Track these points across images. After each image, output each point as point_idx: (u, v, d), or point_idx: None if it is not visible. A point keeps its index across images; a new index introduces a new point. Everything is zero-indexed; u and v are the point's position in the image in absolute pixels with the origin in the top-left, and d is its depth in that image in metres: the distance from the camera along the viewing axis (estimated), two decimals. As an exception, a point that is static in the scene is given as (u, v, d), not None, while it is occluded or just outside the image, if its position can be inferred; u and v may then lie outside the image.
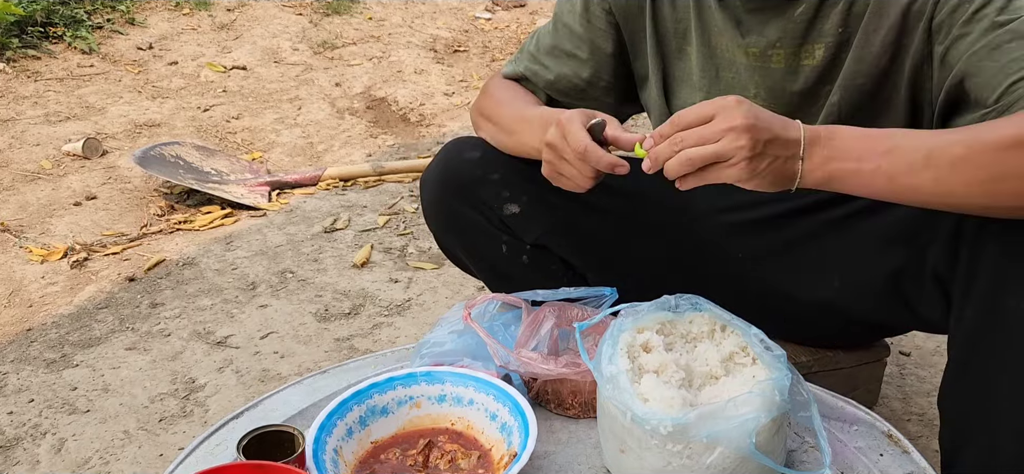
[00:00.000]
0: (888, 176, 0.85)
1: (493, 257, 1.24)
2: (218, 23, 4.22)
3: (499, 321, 1.14)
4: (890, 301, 1.07)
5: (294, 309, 1.99)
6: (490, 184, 1.19)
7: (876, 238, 1.06)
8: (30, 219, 2.46)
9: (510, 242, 1.22)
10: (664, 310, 1.01)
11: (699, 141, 0.86)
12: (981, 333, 0.89)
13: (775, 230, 1.15)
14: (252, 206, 2.56)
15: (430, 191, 1.23)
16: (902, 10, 0.96)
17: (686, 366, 0.96)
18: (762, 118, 0.85)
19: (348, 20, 4.48)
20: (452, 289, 2.07)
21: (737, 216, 1.18)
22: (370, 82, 3.73)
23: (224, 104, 3.43)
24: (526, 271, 1.23)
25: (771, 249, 1.17)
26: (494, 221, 1.21)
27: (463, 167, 1.20)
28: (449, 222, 1.23)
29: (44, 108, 3.22)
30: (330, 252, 2.28)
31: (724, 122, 0.84)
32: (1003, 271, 0.87)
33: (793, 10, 1.02)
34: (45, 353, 1.83)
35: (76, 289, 2.10)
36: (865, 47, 1.00)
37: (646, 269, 1.24)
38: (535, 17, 4.86)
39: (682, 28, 1.12)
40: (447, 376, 1.06)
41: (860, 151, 0.86)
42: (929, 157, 0.84)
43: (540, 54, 1.24)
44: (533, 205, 1.20)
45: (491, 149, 1.21)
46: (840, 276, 1.11)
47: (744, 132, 0.84)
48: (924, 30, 0.95)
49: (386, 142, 3.19)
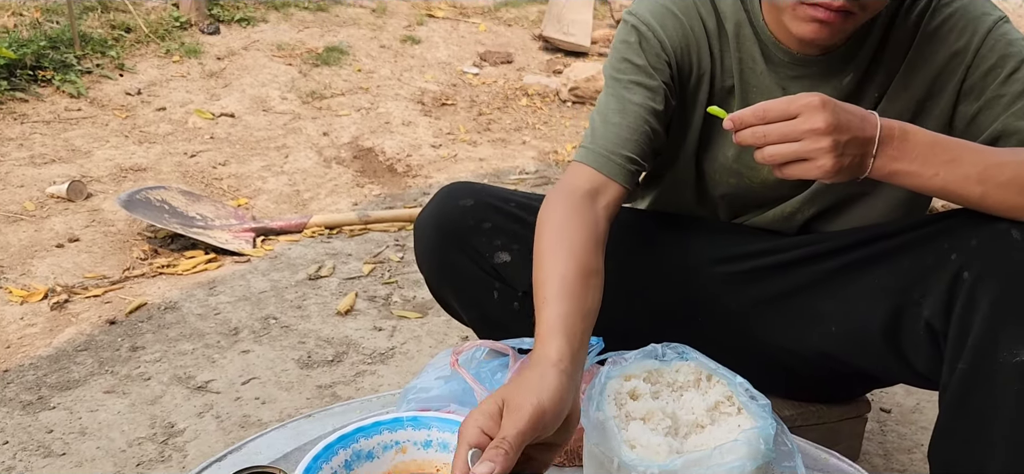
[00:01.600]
0: (943, 183, 0.92)
1: (484, 303, 1.24)
2: (208, 71, 4.25)
3: (486, 368, 1.14)
4: (884, 352, 1.09)
5: (276, 355, 1.97)
6: (482, 232, 1.20)
7: (871, 289, 1.07)
8: (11, 260, 2.44)
9: (501, 289, 1.23)
10: (651, 359, 1.01)
11: (782, 138, 0.89)
12: (973, 386, 0.91)
13: (769, 281, 1.17)
14: (236, 252, 2.55)
15: (424, 237, 1.24)
16: (933, 75, 1.03)
17: (672, 414, 0.96)
18: (842, 119, 0.89)
19: (337, 71, 4.53)
20: (436, 338, 2.07)
21: (730, 268, 1.20)
22: (358, 132, 3.76)
23: (211, 150, 3.44)
24: (517, 318, 1.24)
25: (764, 300, 1.18)
26: (486, 268, 1.22)
27: (456, 214, 1.21)
28: (442, 268, 1.24)
29: (29, 150, 3.22)
30: (314, 299, 2.27)
31: (807, 123, 0.88)
32: (996, 325, 0.89)
33: (841, 78, 1.06)
34: (21, 395, 1.80)
35: (56, 331, 2.08)
36: (890, 106, 1.06)
37: (636, 318, 1.25)
38: (522, 73, 4.94)
39: (729, 85, 1.13)
40: (434, 421, 1.06)
41: (925, 157, 0.91)
42: (983, 174, 0.91)
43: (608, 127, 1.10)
44: (524, 254, 1.21)
45: (483, 197, 1.22)
46: (833, 327, 1.12)
47: (826, 134, 0.87)
48: (953, 92, 1.03)
49: (372, 192, 3.20)
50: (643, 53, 1.10)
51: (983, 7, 1.03)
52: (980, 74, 1.01)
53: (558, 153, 3.73)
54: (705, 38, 1.11)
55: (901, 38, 1.05)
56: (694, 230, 1.26)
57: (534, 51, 5.42)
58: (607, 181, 1.06)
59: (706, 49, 1.12)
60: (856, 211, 1.16)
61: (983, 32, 1.01)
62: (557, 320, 0.88)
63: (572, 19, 5.64)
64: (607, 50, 5.48)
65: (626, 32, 1.13)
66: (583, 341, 0.90)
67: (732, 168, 1.17)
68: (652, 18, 1.11)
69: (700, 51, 1.12)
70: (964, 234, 0.96)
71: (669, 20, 1.11)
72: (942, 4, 1.04)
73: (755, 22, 1.09)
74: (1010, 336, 0.87)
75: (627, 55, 1.11)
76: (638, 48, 1.10)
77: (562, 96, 4.53)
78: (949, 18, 1.03)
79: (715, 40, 1.12)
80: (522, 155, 3.68)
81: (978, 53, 1.01)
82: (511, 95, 4.57)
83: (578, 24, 5.60)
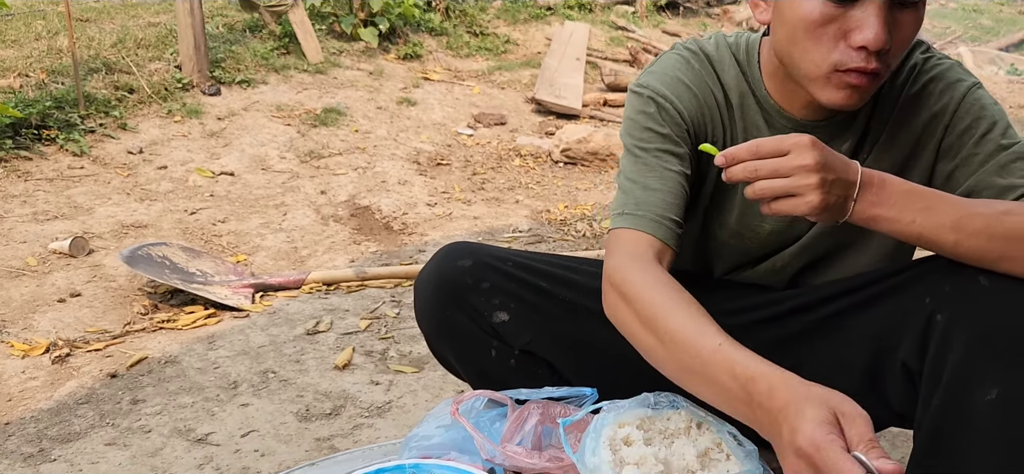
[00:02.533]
0: (920, 230, 0.97)
1: (482, 361, 1.28)
2: (208, 131, 4.33)
3: (486, 417, 1.19)
4: (866, 396, 1.13)
5: (275, 408, 2.00)
6: (481, 292, 1.24)
7: (857, 336, 1.12)
8: (13, 315, 2.47)
9: (499, 347, 1.26)
10: (644, 406, 1.07)
11: (773, 173, 0.95)
12: (947, 423, 0.95)
13: (761, 333, 1.20)
14: (235, 307, 2.59)
15: (424, 296, 1.27)
16: (916, 135, 1.11)
17: (665, 460, 1.01)
18: (829, 159, 0.95)
19: (335, 131, 4.62)
20: (432, 392, 2.11)
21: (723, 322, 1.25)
22: (355, 191, 3.83)
23: (211, 208, 3.50)
24: (514, 374, 1.27)
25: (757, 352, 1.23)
26: (484, 327, 1.25)
27: (455, 274, 1.24)
28: (442, 326, 1.27)
29: (33, 207, 3.27)
30: (312, 354, 2.31)
31: (797, 159, 0.93)
32: (970, 363, 0.94)
33: (842, 143, 1.13)
34: (22, 447, 1.82)
35: (57, 384, 2.11)
36: (874, 168, 1.11)
37: (623, 365, 1.30)
38: (515, 134, 5.05)
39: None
40: (435, 469, 1.10)
41: (902, 204, 0.97)
42: (957, 223, 0.96)
43: (650, 194, 1.10)
44: (521, 313, 1.25)
45: (481, 257, 1.26)
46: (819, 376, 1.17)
47: (814, 171, 0.93)
48: (933, 150, 1.10)
49: (369, 249, 3.26)
50: (665, 122, 1.13)
51: (959, 74, 1.11)
52: (957, 134, 1.08)
53: (550, 212, 3.80)
54: (716, 109, 1.16)
55: (887, 103, 1.13)
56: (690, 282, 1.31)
57: (527, 113, 5.54)
58: (663, 245, 1.08)
59: (718, 119, 1.17)
60: (843, 263, 1.22)
61: (959, 96, 1.09)
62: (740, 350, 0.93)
63: (564, 83, 5.79)
64: (597, 113, 5.62)
65: (642, 104, 1.15)
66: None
67: (734, 229, 1.22)
68: (666, 90, 1.14)
69: (713, 121, 1.16)
70: (937, 280, 1.01)
71: (682, 90, 1.15)
72: (923, 71, 1.12)
73: (757, 92, 1.15)
74: (982, 375, 0.92)
75: (649, 125, 1.13)
76: (659, 118, 1.13)
77: (554, 157, 4.63)
78: (929, 83, 1.11)
79: (724, 111, 1.17)
80: (515, 214, 3.76)
81: (955, 114, 1.08)
82: (504, 155, 4.67)
83: (569, 88, 5.74)
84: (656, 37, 8.00)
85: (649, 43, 7.49)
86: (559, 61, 6.08)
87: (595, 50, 7.00)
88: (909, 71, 1.12)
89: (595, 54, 6.87)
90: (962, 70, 1.13)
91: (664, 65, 1.18)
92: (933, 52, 1.14)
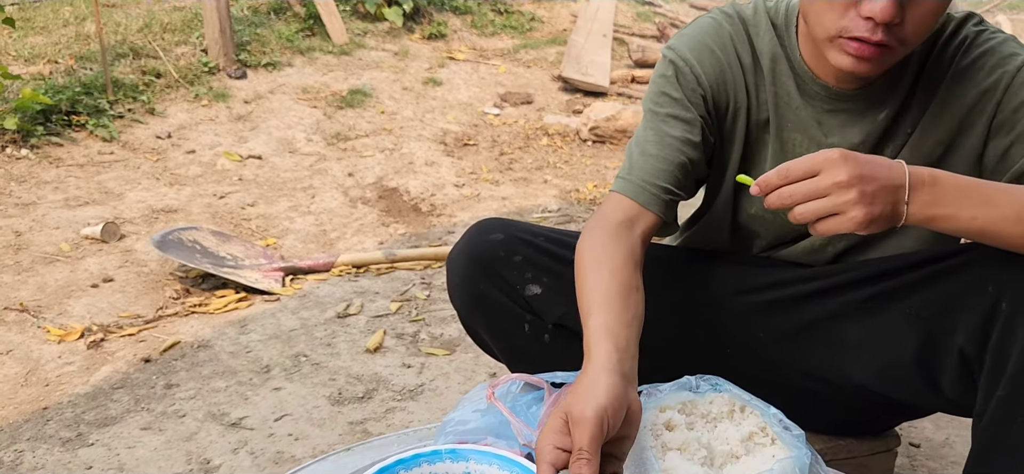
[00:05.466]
0: (982, 226, 0.94)
1: (515, 335, 1.27)
2: (235, 114, 4.34)
3: (522, 401, 1.17)
4: (915, 380, 1.10)
5: (308, 392, 2.00)
6: (514, 265, 1.23)
7: (904, 317, 1.09)
8: (48, 300, 2.50)
9: (532, 321, 1.26)
10: (685, 390, 1.04)
11: (808, 196, 0.91)
12: (1012, 415, 0.92)
13: (796, 311, 1.19)
14: (266, 291, 2.60)
15: (457, 270, 1.27)
16: (963, 112, 1.06)
17: (707, 445, 0.98)
18: (866, 169, 0.90)
19: (361, 113, 4.61)
20: (464, 375, 2.09)
21: (761, 297, 1.22)
22: (382, 173, 3.82)
23: (240, 191, 3.51)
24: (546, 350, 1.26)
25: (793, 329, 1.20)
26: (517, 300, 1.25)
27: (488, 247, 1.24)
28: (475, 301, 1.27)
29: (65, 193, 3.30)
30: (343, 337, 2.31)
31: (830, 177, 0.89)
32: None
33: (877, 113, 1.09)
34: (61, 432, 1.84)
35: (92, 369, 2.12)
36: (921, 143, 1.09)
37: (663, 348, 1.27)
38: (542, 113, 5.01)
39: (764, 118, 1.17)
40: (471, 454, 1.08)
41: (959, 201, 0.93)
42: (1020, 215, 0.92)
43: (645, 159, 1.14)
44: (554, 286, 1.24)
45: (513, 231, 1.26)
46: (865, 356, 1.14)
47: (850, 186, 0.89)
48: (984, 128, 1.06)
49: (397, 231, 3.25)
50: (679, 87, 1.14)
51: (1014, 48, 1.07)
52: (1011, 110, 1.04)
53: (579, 191, 3.77)
54: (740, 72, 1.15)
55: (934, 75, 1.09)
56: (723, 263, 1.28)
57: (553, 92, 5.49)
58: (642, 210, 1.11)
59: (742, 83, 1.15)
60: (887, 243, 1.18)
61: (1013, 70, 1.04)
62: (601, 329, 0.93)
63: (590, 60, 5.72)
64: (625, 90, 5.55)
65: (664, 67, 1.17)
66: (630, 344, 0.94)
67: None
68: (689, 53, 1.15)
69: (735, 85, 1.15)
70: (999, 265, 0.97)
71: (705, 55, 1.15)
72: (975, 44, 1.07)
73: (792, 57, 1.13)
74: None
75: (664, 89, 1.16)
76: (675, 82, 1.15)
77: (582, 136, 4.58)
78: (980, 57, 1.06)
79: (751, 74, 1.15)
80: (544, 194, 3.72)
81: (1008, 90, 1.04)
82: (532, 135, 4.63)
83: (596, 65, 5.68)
84: (684, 12, 7.88)
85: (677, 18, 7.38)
86: (585, 38, 6.01)
87: (622, 26, 6.91)
88: (960, 43, 1.08)
89: (622, 30, 6.79)
90: (1017, 44, 1.08)
91: (694, 28, 1.19)
92: (986, 25, 1.10)
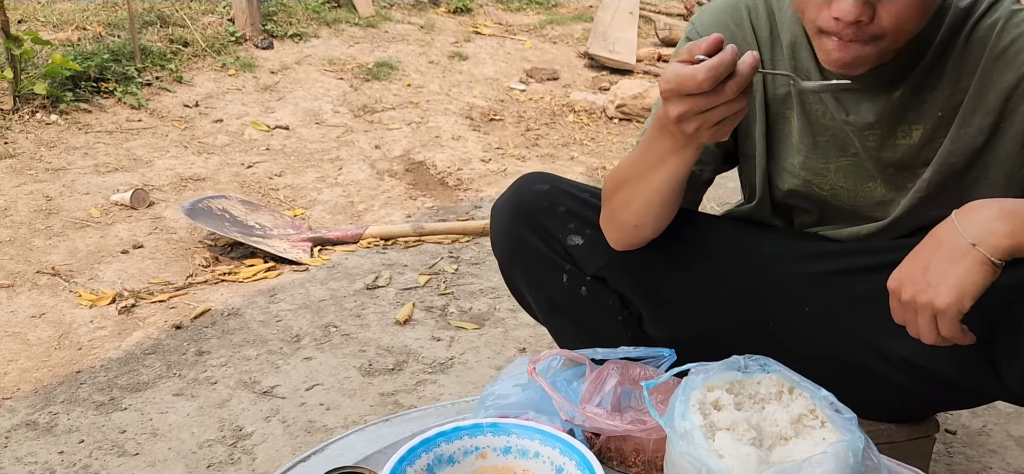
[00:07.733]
0: None
1: (552, 285, 1.28)
2: (262, 84, 4.34)
3: (562, 376, 1.15)
4: (972, 363, 1.08)
5: (339, 363, 2.01)
6: (556, 215, 1.24)
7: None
8: (79, 265, 2.51)
9: (571, 272, 1.26)
10: (733, 370, 1.02)
11: (905, 323, 0.98)
12: None
13: (846, 284, 1.16)
14: (295, 261, 2.60)
15: (500, 218, 1.28)
16: (1003, 96, 1.02)
17: (756, 426, 0.96)
18: (902, 272, 0.97)
19: (387, 86, 4.60)
20: (494, 349, 2.09)
21: (806, 267, 1.20)
22: (409, 146, 3.81)
23: (267, 161, 3.51)
24: (583, 303, 1.26)
25: (840, 302, 1.18)
26: (557, 250, 1.26)
27: (531, 197, 1.25)
28: (515, 247, 1.27)
29: (94, 159, 3.32)
30: (372, 308, 2.31)
31: (896, 303, 0.98)
32: None
33: (891, 93, 1.07)
34: (94, 395, 1.85)
35: (124, 334, 2.14)
36: (962, 129, 1.06)
37: (704, 312, 1.26)
38: (568, 90, 4.97)
39: (782, 94, 1.16)
40: (513, 428, 1.07)
41: None
42: None
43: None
44: (596, 239, 1.24)
45: (558, 184, 1.27)
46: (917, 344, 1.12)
47: (895, 294, 0.98)
48: None
49: (425, 204, 3.24)
50: None
51: None
52: None
53: (606, 168, 3.73)
54: (756, 47, 1.15)
55: (966, 59, 1.04)
56: (770, 234, 1.26)
57: (580, 68, 5.44)
58: None
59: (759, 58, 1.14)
60: None
61: None
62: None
63: (617, 37, 5.66)
64: (652, 68, 5.49)
65: (682, 42, 1.18)
66: None
67: (799, 174, 1.18)
68: (704, 28, 1.16)
69: None
70: None
71: (720, 30, 1.15)
72: (1010, 25, 1.03)
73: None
74: None
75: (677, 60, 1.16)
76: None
77: (609, 113, 4.54)
78: (1018, 39, 1.02)
79: (767, 48, 1.15)
80: (571, 171, 3.70)
81: None
82: (558, 111, 4.59)
83: (623, 42, 5.61)
84: (711, -11, 7.76)
85: (704, -4, 7.28)
86: (612, 15, 5.94)
87: (649, 3, 6.83)
88: (992, 25, 1.03)
89: (649, 7, 6.71)
90: None
91: (713, 4, 1.20)
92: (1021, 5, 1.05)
